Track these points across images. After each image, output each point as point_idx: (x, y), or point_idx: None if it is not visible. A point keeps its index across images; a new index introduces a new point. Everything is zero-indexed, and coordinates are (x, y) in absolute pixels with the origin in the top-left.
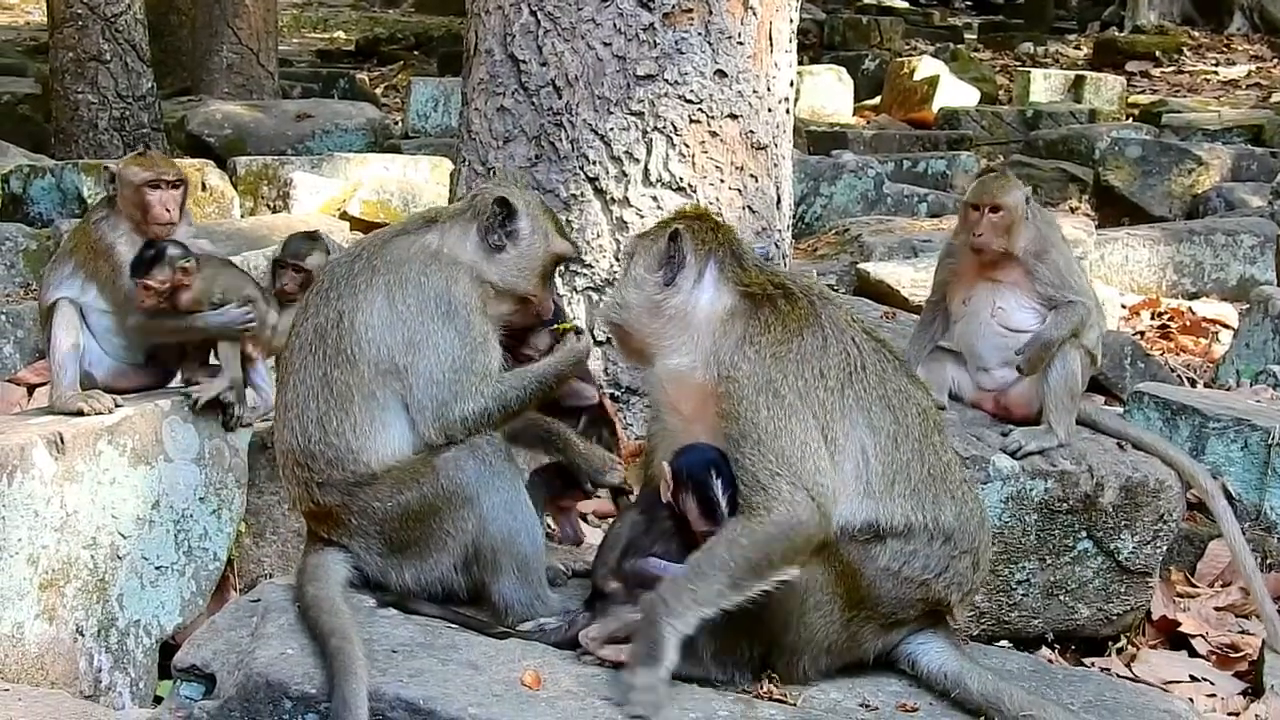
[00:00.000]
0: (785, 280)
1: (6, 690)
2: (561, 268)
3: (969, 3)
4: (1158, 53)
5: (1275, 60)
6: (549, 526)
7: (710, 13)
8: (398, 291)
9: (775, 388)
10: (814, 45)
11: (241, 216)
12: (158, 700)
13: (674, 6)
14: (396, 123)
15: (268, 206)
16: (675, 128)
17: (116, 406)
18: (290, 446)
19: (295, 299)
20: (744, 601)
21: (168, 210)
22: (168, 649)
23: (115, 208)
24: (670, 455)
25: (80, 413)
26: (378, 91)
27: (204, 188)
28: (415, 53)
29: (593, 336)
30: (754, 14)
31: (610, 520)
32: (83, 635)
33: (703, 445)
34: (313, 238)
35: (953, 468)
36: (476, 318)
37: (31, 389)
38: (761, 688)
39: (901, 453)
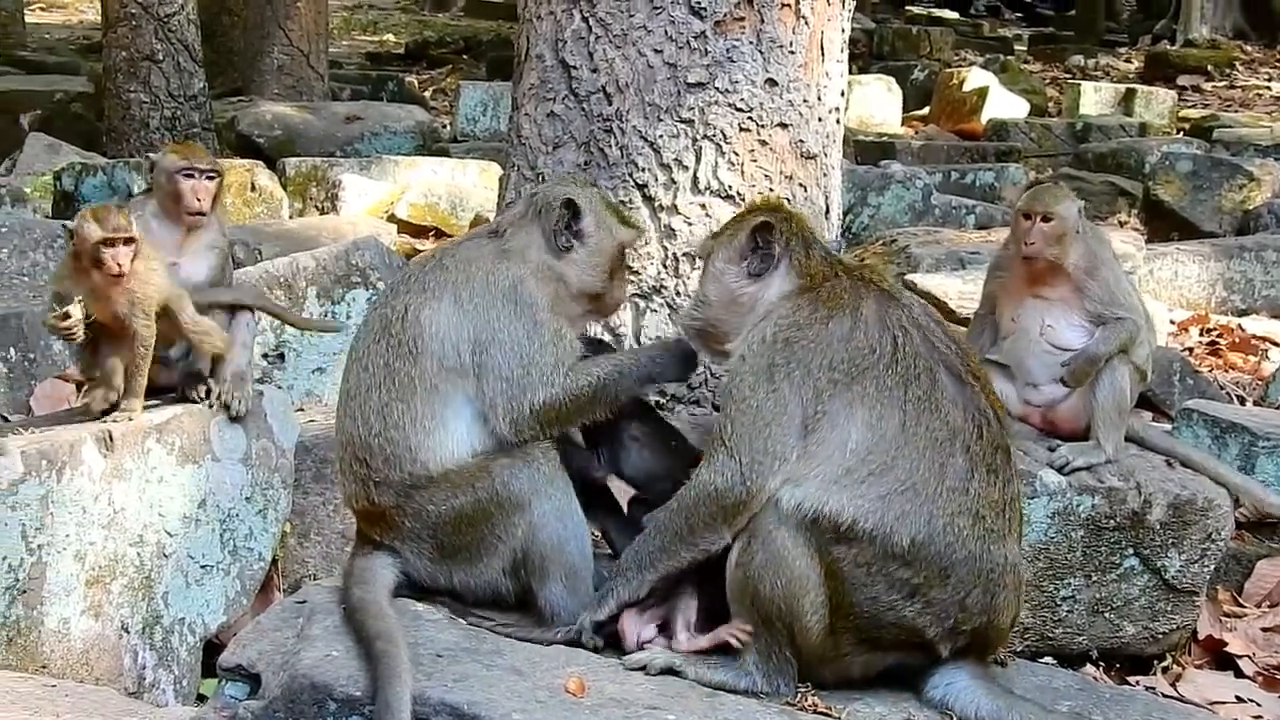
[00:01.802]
0: (843, 269)
1: (53, 686)
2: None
3: (1019, 14)
4: (1209, 67)
5: None
6: (596, 533)
7: (762, 21)
8: (464, 290)
9: (772, 371)
10: (863, 55)
11: (290, 218)
12: (201, 699)
13: (726, 15)
14: (445, 126)
15: (316, 208)
16: (725, 136)
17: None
18: (350, 436)
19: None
20: (683, 565)
21: (199, 199)
22: (211, 647)
23: (152, 196)
24: None
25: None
26: (426, 94)
27: (253, 188)
28: (464, 56)
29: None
30: (806, 23)
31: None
32: (128, 632)
33: None
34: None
35: (958, 495)
36: (545, 315)
37: (80, 385)
38: (806, 700)
39: (889, 458)
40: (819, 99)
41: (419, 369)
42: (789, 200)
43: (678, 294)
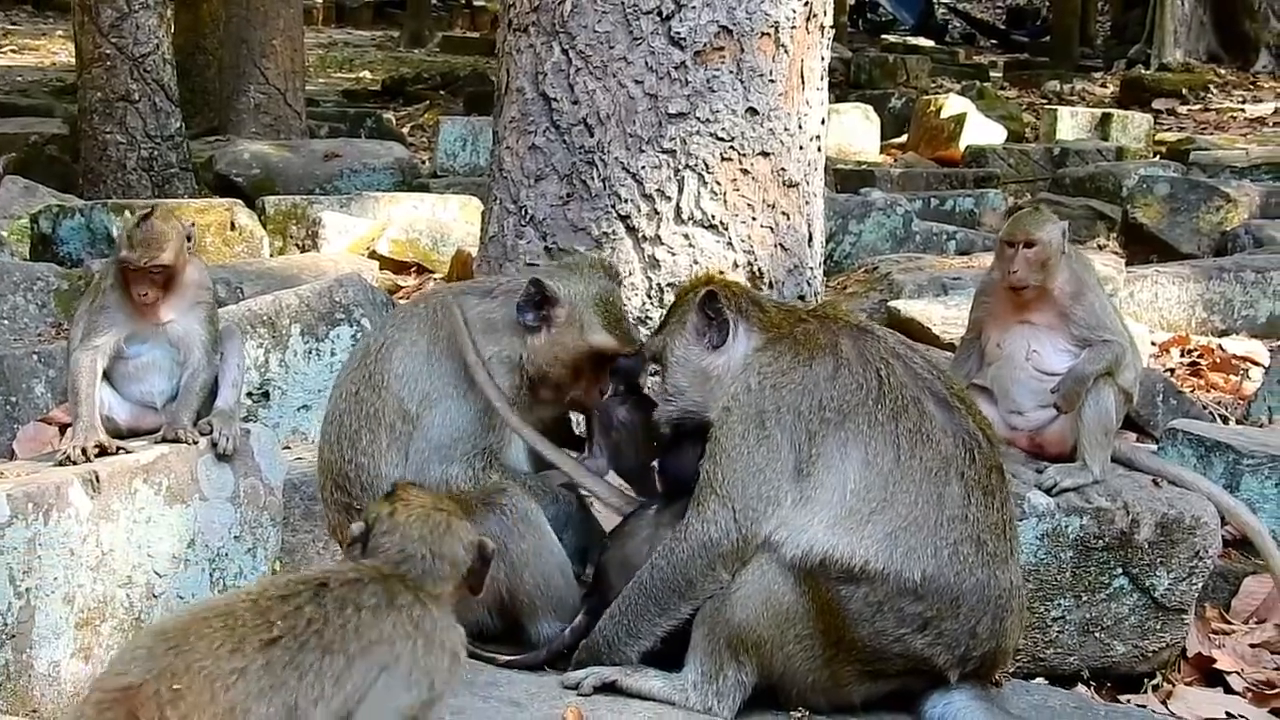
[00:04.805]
0: (806, 313)
1: None
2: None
3: (994, 41)
4: (1184, 90)
5: None
6: None
7: (742, 51)
8: (437, 346)
9: (763, 418)
10: (840, 84)
11: (271, 256)
12: None
13: (705, 44)
14: (424, 162)
15: (297, 246)
16: (707, 165)
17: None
18: (328, 462)
19: None
20: (683, 619)
21: (141, 294)
22: None
23: None
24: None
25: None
26: (404, 131)
27: (233, 227)
28: (441, 92)
29: None
30: (785, 52)
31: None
32: None
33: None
34: None
35: (958, 523)
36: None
37: (63, 428)
38: None
39: (888, 493)
40: (800, 127)
41: (382, 402)
42: (772, 229)
43: None
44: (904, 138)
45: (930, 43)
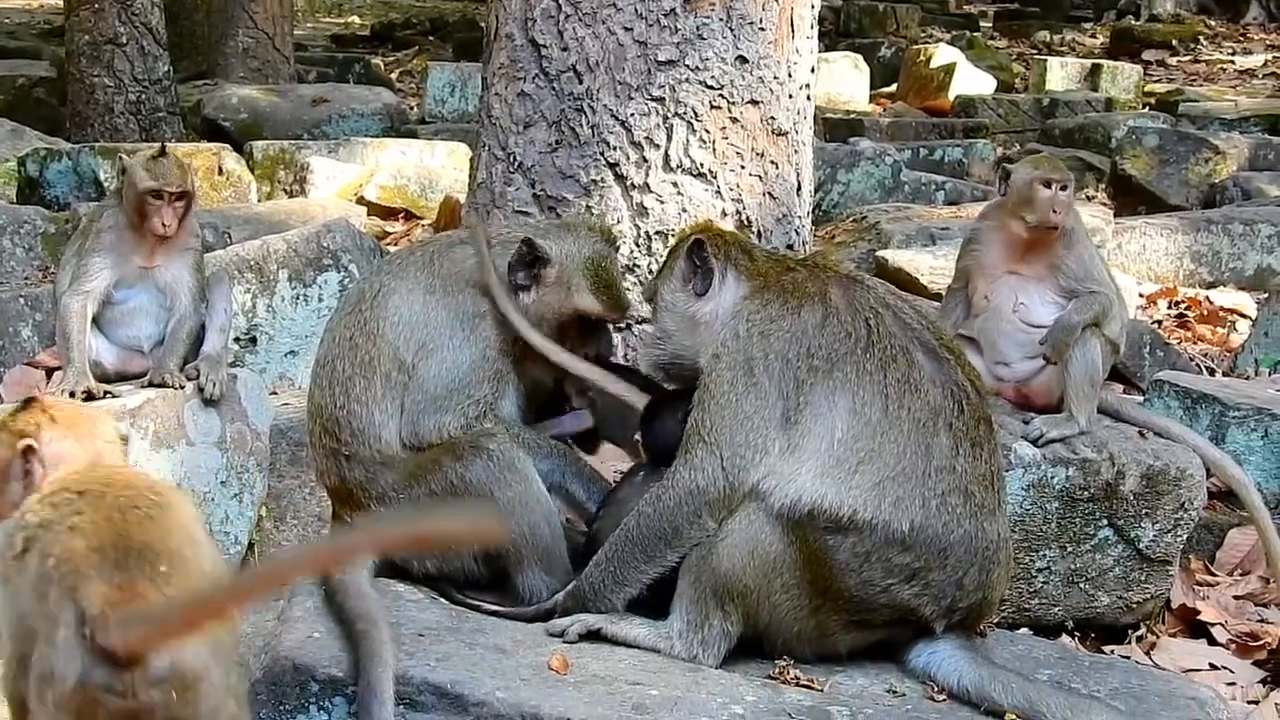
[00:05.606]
0: (795, 262)
1: None
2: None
3: None
4: (1174, 41)
5: None
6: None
7: None
8: (434, 296)
9: (751, 365)
10: (830, 33)
11: (258, 201)
12: None
13: None
14: (412, 108)
15: (285, 191)
16: (696, 113)
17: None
18: (319, 406)
19: None
20: (669, 567)
21: (165, 224)
22: None
23: (122, 201)
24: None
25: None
26: (393, 76)
27: (221, 172)
28: (430, 38)
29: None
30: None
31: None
32: None
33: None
34: None
35: (946, 474)
36: (493, 353)
37: (50, 372)
38: (788, 674)
39: (876, 443)
40: (789, 75)
41: (377, 350)
42: (761, 177)
43: (650, 272)
44: (893, 87)
45: None
